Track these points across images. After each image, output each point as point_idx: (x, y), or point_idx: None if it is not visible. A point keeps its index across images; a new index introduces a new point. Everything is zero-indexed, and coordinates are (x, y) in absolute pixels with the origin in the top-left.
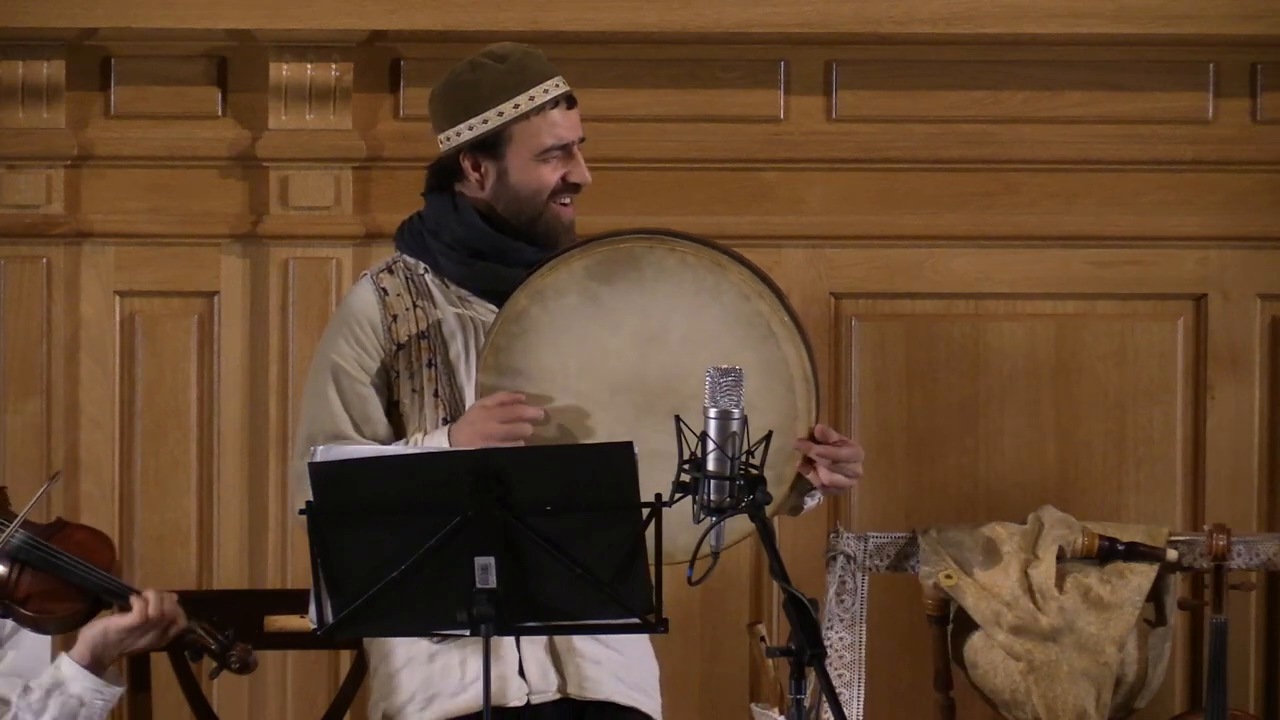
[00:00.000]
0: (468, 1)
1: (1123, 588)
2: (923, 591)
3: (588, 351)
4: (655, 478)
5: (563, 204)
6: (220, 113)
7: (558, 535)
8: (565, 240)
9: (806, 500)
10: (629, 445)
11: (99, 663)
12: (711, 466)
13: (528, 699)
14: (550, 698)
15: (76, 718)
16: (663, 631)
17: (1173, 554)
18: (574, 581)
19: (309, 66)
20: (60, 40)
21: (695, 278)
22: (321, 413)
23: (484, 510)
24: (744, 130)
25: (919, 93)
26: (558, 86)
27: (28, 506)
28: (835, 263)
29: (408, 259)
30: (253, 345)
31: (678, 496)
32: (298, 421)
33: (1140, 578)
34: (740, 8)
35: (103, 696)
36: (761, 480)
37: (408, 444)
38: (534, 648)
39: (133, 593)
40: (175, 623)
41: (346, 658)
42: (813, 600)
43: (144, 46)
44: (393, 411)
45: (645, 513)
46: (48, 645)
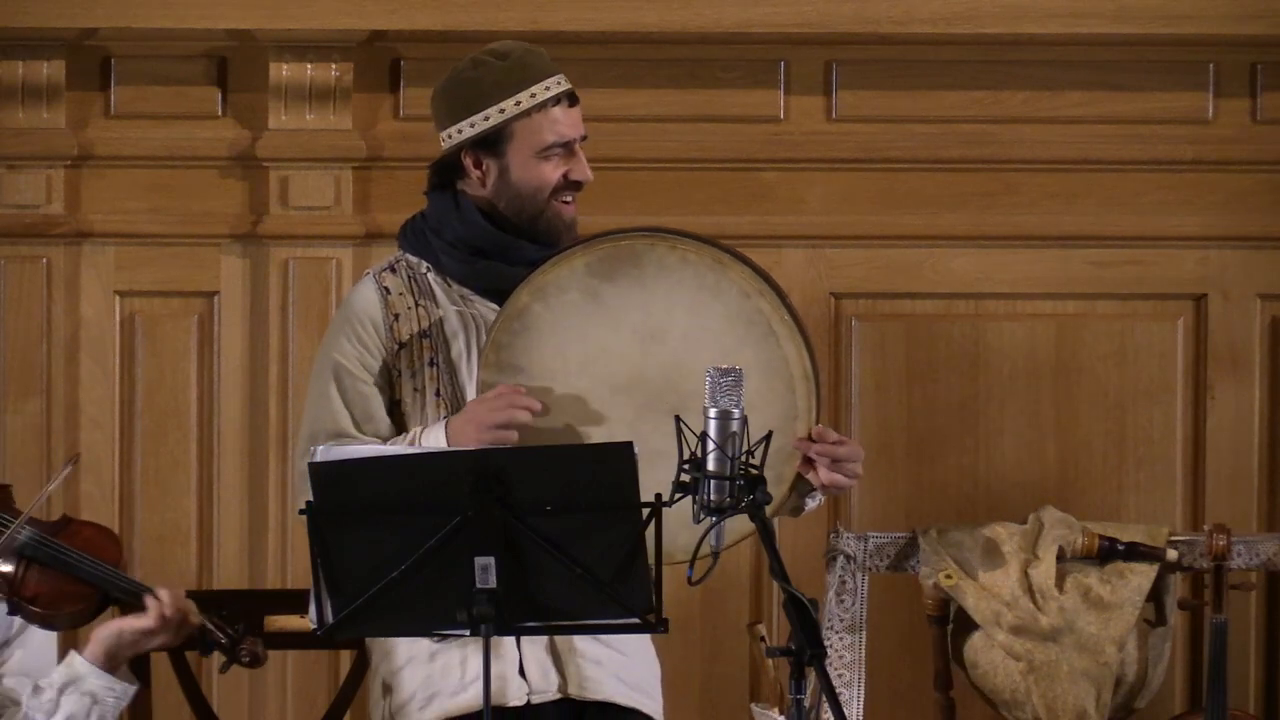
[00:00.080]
0: (468, 1)
1: (1123, 588)
2: (923, 591)
3: (588, 349)
4: (656, 477)
5: (564, 202)
6: (220, 113)
7: (558, 535)
8: (567, 238)
9: (807, 501)
10: (629, 445)
11: (112, 662)
12: (711, 466)
13: (528, 699)
14: (551, 698)
15: (90, 716)
16: (663, 631)
17: (1173, 554)
18: (574, 581)
19: (309, 66)
20: (60, 40)
21: (696, 275)
22: (323, 411)
23: (484, 510)
24: (744, 130)
25: (919, 93)
26: (559, 84)
27: (44, 491)
28: (835, 263)
29: (410, 258)
30: (253, 345)
31: (678, 496)
32: (300, 420)
33: (1140, 578)
34: (740, 8)
35: (116, 694)
36: (761, 480)
37: (407, 439)
38: (535, 647)
39: (146, 591)
40: (189, 620)
41: (346, 658)
42: (813, 600)
43: (144, 46)
44: (395, 410)
45: (645, 513)
46: (54, 644)
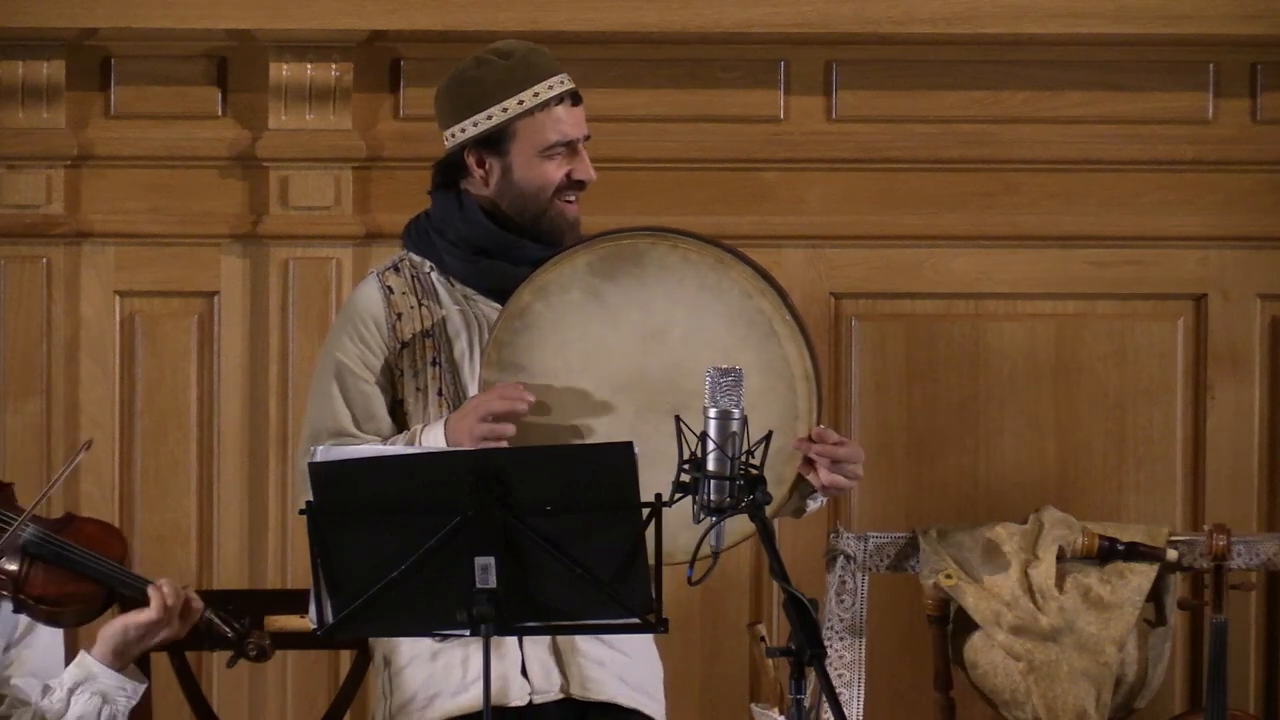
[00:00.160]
0: (468, 1)
1: (1123, 588)
2: (923, 591)
3: (590, 348)
4: (657, 476)
5: (567, 201)
6: (220, 113)
7: (558, 535)
8: (570, 238)
9: (809, 503)
10: (629, 445)
11: (121, 659)
12: (711, 466)
13: (530, 699)
14: (553, 698)
15: (100, 716)
16: (663, 631)
17: (1173, 554)
18: (574, 581)
19: (309, 66)
20: (60, 40)
21: (697, 275)
22: (325, 410)
23: (484, 510)
24: (744, 130)
25: (919, 93)
26: (562, 83)
27: (62, 472)
28: (835, 263)
29: (414, 257)
30: (253, 345)
31: (678, 496)
32: (302, 420)
33: (1140, 578)
34: (740, 8)
35: (126, 693)
36: (761, 480)
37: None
38: (537, 648)
39: (147, 584)
40: (192, 607)
41: (346, 658)
42: (813, 600)
43: (144, 46)
44: (397, 410)
45: (645, 512)
46: (61, 642)
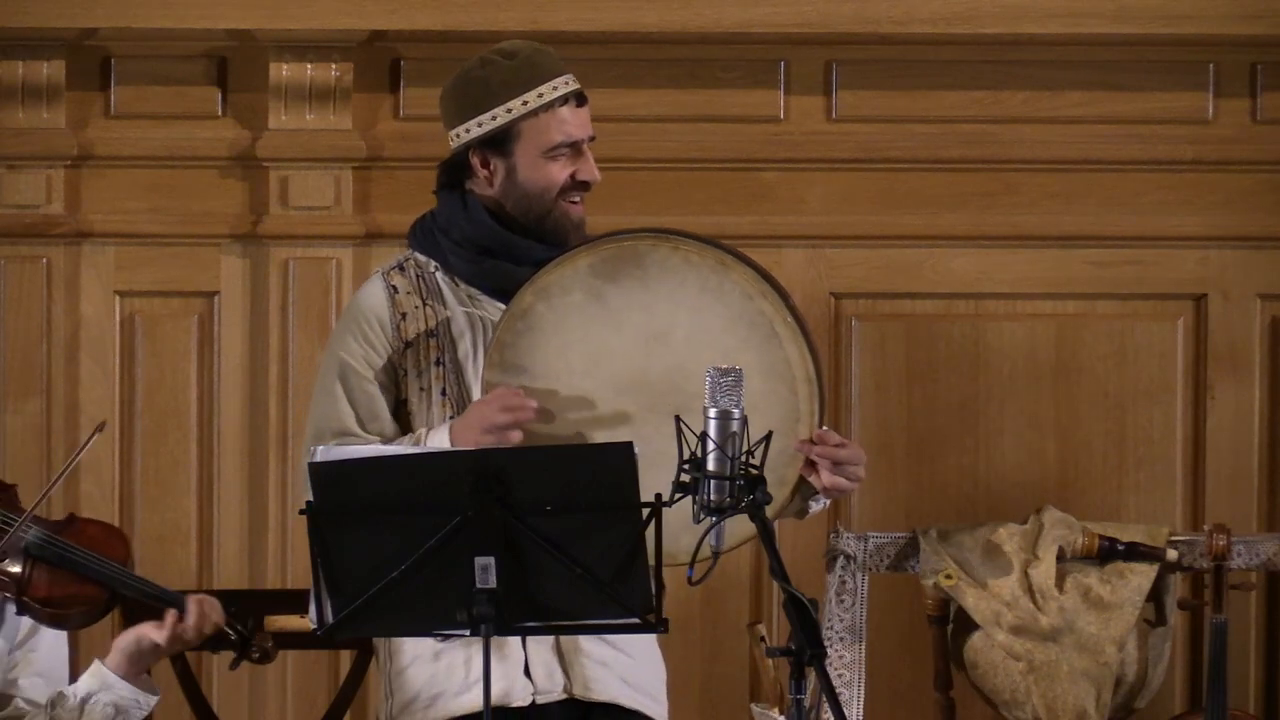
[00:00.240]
0: (468, 1)
1: (1123, 588)
2: (923, 591)
3: (592, 349)
4: (658, 477)
5: (572, 202)
6: (220, 113)
7: (558, 535)
8: (574, 238)
9: (811, 504)
10: (629, 445)
11: (135, 669)
12: (711, 466)
13: (533, 699)
14: (556, 698)
15: None
16: (663, 631)
17: (1173, 554)
18: (574, 581)
19: (309, 66)
20: (60, 40)
21: (699, 277)
22: (328, 410)
23: (484, 510)
24: (744, 130)
25: (919, 93)
26: (567, 84)
27: (73, 458)
28: (835, 263)
29: (419, 257)
30: (253, 345)
31: (678, 496)
32: (305, 419)
33: (1140, 578)
34: (740, 8)
35: (140, 704)
36: (761, 480)
37: (412, 439)
38: (540, 648)
39: (148, 584)
40: (210, 623)
41: (346, 658)
42: (813, 600)
43: (144, 46)
44: (400, 410)
45: (645, 513)
46: (65, 644)
